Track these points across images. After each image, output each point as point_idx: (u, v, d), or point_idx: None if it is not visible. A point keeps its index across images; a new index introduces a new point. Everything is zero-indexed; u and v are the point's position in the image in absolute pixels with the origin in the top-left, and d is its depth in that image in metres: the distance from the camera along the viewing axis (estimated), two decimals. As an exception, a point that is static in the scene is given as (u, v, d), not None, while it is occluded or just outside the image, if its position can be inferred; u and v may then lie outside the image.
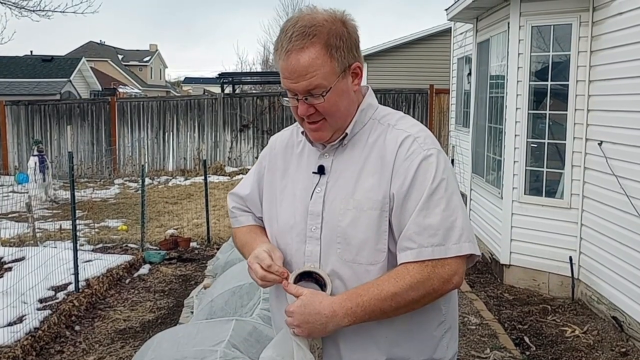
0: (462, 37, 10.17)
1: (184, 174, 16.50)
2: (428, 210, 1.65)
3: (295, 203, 1.82)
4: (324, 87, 1.69)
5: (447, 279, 1.65)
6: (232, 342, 3.66)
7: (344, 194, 1.74)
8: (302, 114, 1.74)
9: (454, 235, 1.64)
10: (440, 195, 1.66)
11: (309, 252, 1.77)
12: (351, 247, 1.71)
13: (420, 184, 1.67)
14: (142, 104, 17.18)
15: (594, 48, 5.60)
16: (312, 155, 1.85)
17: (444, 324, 1.79)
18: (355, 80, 1.77)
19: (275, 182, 1.91)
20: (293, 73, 1.69)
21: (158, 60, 65.03)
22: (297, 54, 1.67)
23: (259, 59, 57.09)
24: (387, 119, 1.81)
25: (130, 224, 10.34)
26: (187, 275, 7.23)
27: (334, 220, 1.74)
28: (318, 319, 1.64)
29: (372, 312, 1.64)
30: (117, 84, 41.15)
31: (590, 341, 5.12)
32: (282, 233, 1.84)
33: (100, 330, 5.58)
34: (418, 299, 1.65)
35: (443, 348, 1.79)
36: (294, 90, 1.72)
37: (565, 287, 6.11)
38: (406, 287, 1.63)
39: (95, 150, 16.98)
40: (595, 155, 5.61)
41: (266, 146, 2.06)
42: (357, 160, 1.77)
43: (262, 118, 16.75)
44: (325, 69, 1.68)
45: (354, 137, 1.80)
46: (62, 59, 31.92)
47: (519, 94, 6.19)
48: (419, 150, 1.71)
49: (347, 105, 1.76)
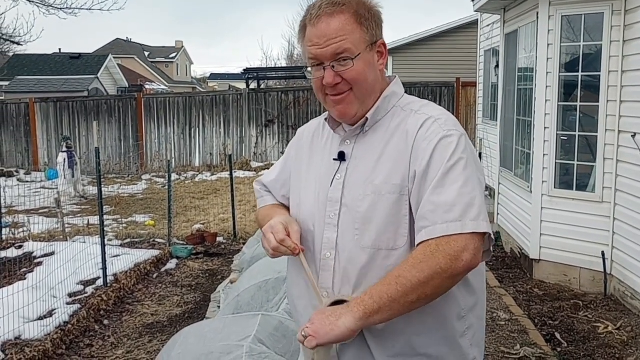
0: (489, 29, 10.04)
1: (211, 169, 16.57)
2: (443, 188, 1.59)
3: (317, 190, 1.81)
4: (353, 52, 1.68)
5: (455, 256, 1.52)
6: (259, 337, 3.65)
7: (363, 180, 1.72)
8: (329, 82, 1.71)
9: (473, 212, 1.56)
10: (458, 173, 1.60)
11: (326, 239, 1.75)
12: (370, 232, 1.68)
13: (437, 162, 1.62)
14: (168, 100, 17.28)
15: (627, 37, 5.47)
16: (334, 143, 1.83)
17: (465, 319, 1.72)
18: (380, 59, 1.77)
19: (301, 171, 1.91)
20: (322, 37, 1.69)
21: (184, 56, 65.47)
22: (327, 19, 1.69)
23: (283, 54, 57.27)
24: (410, 106, 1.78)
25: (157, 219, 10.41)
26: (214, 270, 7.25)
27: (352, 206, 1.71)
28: (333, 311, 1.58)
29: (379, 299, 1.53)
30: (143, 80, 41.48)
31: (624, 338, 5.01)
32: (305, 221, 1.83)
33: (129, 325, 5.61)
34: (425, 280, 1.52)
35: (466, 344, 1.73)
36: (321, 57, 1.70)
37: (597, 282, 5.99)
38: (408, 267, 1.54)
39: (123, 146, 17.13)
40: (628, 148, 5.48)
41: (294, 137, 2.05)
42: (377, 146, 1.74)
43: (287, 113, 16.74)
44: (355, 35, 1.69)
45: (375, 123, 1.77)
46: (90, 56, 32.34)
47: (549, 86, 6.07)
48: (439, 130, 1.67)
49: (373, 80, 1.74)
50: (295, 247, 1.69)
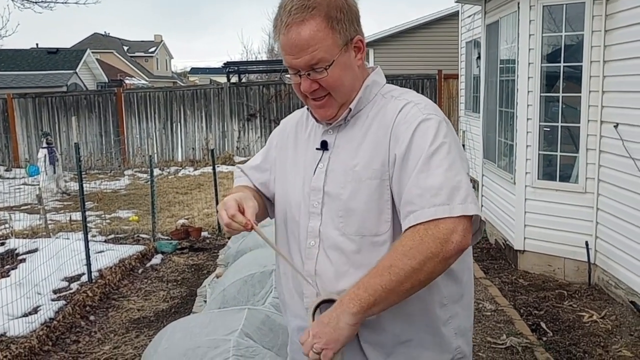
0: (470, 20, 10.07)
1: (193, 164, 16.48)
2: (429, 172, 1.57)
3: (301, 180, 1.81)
4: (327, 60, 1.66)
5: (444, 239, 1.51)
6: (245, 331, 3.64)
7: (344, 167, 1.72)
8: (306, 90, 1.71)
9: (460, 194, 1.55)
10: (442, 157, 1.59)
11: (310, 228, 1.75)
12: (353, 219, 1.68)
13: (418, 146, 1.61)
14: (148, 94, 17.15)
15: (609, 27, 5.50)
16: (317, 133, 1.83)
17: (447, 307, 1.71)
18: (358, 54, 1.73)
19: (286, 161, 1.91)
20: (294, 48, 1.65)
21: (163, 51, 64.99)
22: (297, 28, 1.63)
23: (264, 48, 57.06)
24: (391, 93, 1.78)
25: (141, 214, 10.34)
26: (199, 265, 7.22)
27: (335, 194, 1.72)
28: (330, 316, 1.58)
29: (374, 291, 1.53)
30: (123, 75, 41.14)
31: (608, 326, 5.06)
32: (291, 210, 1.84)
33: (115, 320, 5.58)
34: (418, 267, 1.51)
35: (449, 332, 1.73)
36: (296, 66, 1.68)
37: (581, 272, 6.05)
38: (399, 255, 1.53)
39: (104, 141, 16.98)
40: (611, 138, 5.52)
41: (277, 127, 2.05)
42: (358, 134, 1.74)
43: (269, 107, 16.68)
44: (327, 42, 1.65)
45: (357, 113, 1.76)
46: (68, 51, 31.95)
47: (531, 77, 6.10)
48: (418, 114, 1.66)
49: (351, 80, 1.72)
50: (247, 223, 1.65)
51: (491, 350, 4.64)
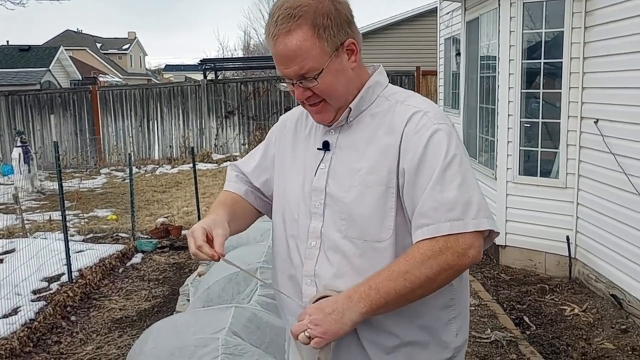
0: (448, 17, 10.10)
1: (171, 162, 16.36)
2: (443, 185, 1.59)
3: (301, 179, 1.80)
4: (316, 69, 1.65)
5: (462, 253, 1.56)
6: (233, 329, 3.62)
7: (348, 170, 1.71)
8: (299, 98, 1.72)
9: (472, 210, 1.58)
10: (455, 170, 1.60)
11: (312, 228, 1.74)
12: (356, 223, 1.67)
13: (432, 158, 1.61)
14: (124, 92, 16.97)
15: (588, 24, 5.56)
16: (318, 132, 1.83)
17: (452, 308, 1.74)
18: (351, 57, 1.71)
19: (285, 159, 1.90)
20: (283, 59, 1.65)
21: (137, 48, 64.33)
22: (284, 39, 1.63)
23: (240, 45, 56.81)
24: (395, 96, 1.77)
25: (119, 213, 10.24)
26: (181, 263, 7.16)
27: (337, 196, 1.71)
28: (334, 308, 1.57)
29: (386, 295, 1.55)
30: (97, 72, 40.65)
31: (590, 319, 5.13)
32: (290, 209, 1.82)
33: (97, 320, 5.51)
34: (433, 277, 1.56)
35: (451, 333, 1.74)
36: (287, 76, 1.69)
37: (562, 266, 6.12)
38: (417, 263, 1.55)
39: (79, 140, 16.77)
40: (590, 134, 5.59)
41: (276, 123, 2.03)
42: (362, 136, 1.73)
43: (247, 104, 16.61)
44: (315, 51, 1.63)
45: (360, 113, 1.76)
46: (40, 48, 31.51)
47: (512, 73, 6.15)
48: (429, 124, 1.66)
49: (344, 84, 1.71)
50: (213, 254, 1.64)
51: (476, 345, 4.67)
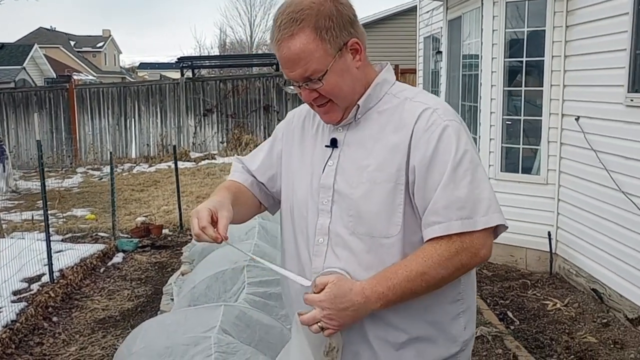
0: (428, 16, 10.16)
1: (148, 160, 16.22)
2: (455, 183, 1.61)
3: (309, 176, 1.81)
4: (320, 71, 1.66)
5: (475, 253, 1.61)
6: (223, 327, 3.60)
7: (356, 166, 1.72)
8: (306, 99, 1.74)
9: (482, 207, 1.60)
10: (466, 167, 1.62)
11: (319, 225, 1.75)
12: (364, 220, 1.68)
13: (443, 155, 1.63)
14: (101, 90, 16.79)
15: (570, 23, 5.64)
16: (326, 129, 1.83)
17: (460, 302, 1.76)
18: (356, 56, 1.73)
19: (292, 155, 1.91)
20: (287, 62, 1.68)
21: (112, 45, 63.68)
22: (287, 43, 1.65)
23: (216, 43, 56.52)
24: (404, 93, 1.78)
25: (97, 212, 10.13)
26: (163, 263, 7.11)
27: (345, 193, 1.72)
28: (349, 305, 1.60)
29: (402, 294, 1.61)
30: (71, 70, 40.12)
31: (572, 313, 5.20)
32: (298, 205, 1.83)
33: (79, 321, 5.45)
34: (447, 276, 1.62)
35: (459, 327, 1.76)
36: (292, 79, 1.71)
37: (543, 261, 6.20)
38: (435, 265, 1.59)
39: (55, 138, 16.55)
40: (571, 131, 5.67)
41: (283, 120, 2.03)
42: (371, 133, 1.74)
43: (225, 102, 16.53)
44: (318, 53, 1.65)
45: (368, 111, 1.77)
46: (14, 45, 31.05)
47: (494, 71, 6.21)
48: (439, 121, 1.66)
49: (350, 84, 1.72)
50: (217, 237, 1.65)
51: (462, 341, 4.70)
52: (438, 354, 1.73)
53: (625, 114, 4.83)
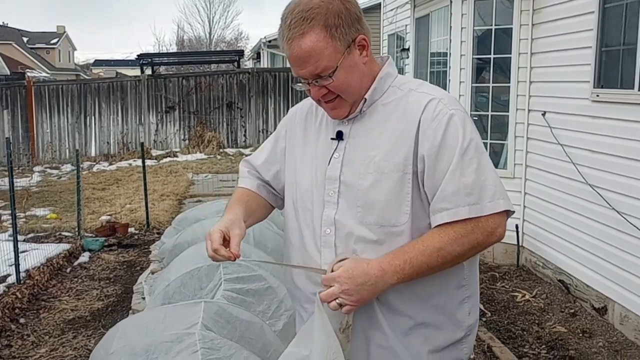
0: (392, 14, 10.26)
1: (108, 158, 15.96)
2: (462, 170, 1.66)
3: (314, 168, 1.84)
4: (331, 67, 1.70)
5: (491, 232, 1.66)
6: (205, 323, 3.59)
7: (364, 158, 1.75)
8: (315, 96, 1.77)
9: (488, 193, 1.65)
10: (472, 155, 1.67)
11: (325, 216, 1.78)
12: (373, 210, 1.72)
13: (451, 143, 1.67)
14: (61, 87, 16.45)
15: (536, 21, 5.77)
16: (330, 123, 1.87)
17: (465, 288, 1.80)
18: (363, 52, 1.76)
19: (295, 149, 1.94)
20: (298, 60, 1.71)
21: (66, 42, 62.38)
22: (298, 41, 1.68)
23: (174, 39, 55.88)
24: (407, 85, 1.82)
25: (59, 211, 9.93)
26: (131, 261, 7.03)
27: (353, 184, 1.75)
28: (367, 279, 1.63)
29: (419, 268, 1.65)
30: (23, 67, 39.22)
31: (540, 304, 5.33)
32: (302, 198, 1.86)
33: (48, 322, 5.35)
34: (463, 253, 1.66)
35: (464, 312, 1.81)
36: (302, 76, 1.74)
37: (510, 254, 6.33)
38: (450, 241, 1.64)
39: (12, 137, 16.12)
40: (538, 126, 5.80)
41: (286, 116, 2.06)
42: (376, 125, 1.78)
43: (188, 99, 16.39)
44: (329, 50, 1.69)
45: (373, 103, 1.80)
46: (-36, 42, 30.14)
47: (463, 68, 6.31)
48: (445, 110, 1.71)
49: (358, 80, 1.76)
50: (230, 256, 1.70)
51: (437, 333, 4.78)
52: (444, 339, 1.78)
53: (591, 108, 4.98)
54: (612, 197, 4.72)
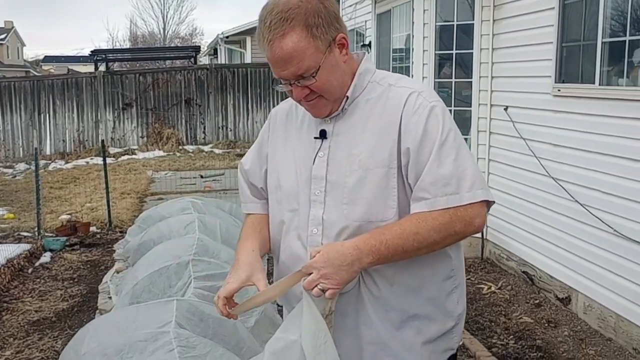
0: (351, 10, 10.28)
1: (64, 157, 15.61)
2: (440, 160, 1.68)
3: (298, 169, 1.84)
4: (313, 67, 1.70)
5: (469, 222, 1.67)
6: (178, 322, 3.57)
7: (348, 155, 1.76)
8: (298, 97, 1.77)
9: (466, 183, 1.67)
10: (450, 145, 1.70)
11: (312, 215, 1.79)
12: (360, 206, 1.73)
13: (431, 135, 1.70)
14: (13, 84, 16.01)
15: (497, 17, 5.87)
16: (312, 122, 1.87)
17: (453, 278, 1.84)
18: (342, 51, 1.77)
19: (277, 151, 1.94)
20: (279, 61, 1.70)
21: (14, 38, 60.69)
22: (279, 42, 1.67)
23: (127, 35, 54.90)
24: (386, 80, 1.84)
25: (15, 211, 9.69)
26: (95, 261, 6.91)
27: (339, 182, 1.76)
28: (344, 259, 1.64)
29: (394, 251, 1.65)
30: (-29, 64, 38.02)
31: (506, 296, 5.45)
32: (287, 199, 1.86)
33: (12, 324, 5.22)
34: (439, 241, 1.67)
35: (453, 302, 1.85)
36: (284, 77, 1.73)
37: (474, 247, 6.44)
38: (428, 227, 1.65)
39: (-39, 135, 15.68)
40: (500, 120, 5.91)
41: (267, 120, 2.06)
42: (359, 122, 1.79)
43: (145, 96, 16.15)
44: (310, 50, 1.69)
45: (353, 100, 1.81)
46: None
47: (425, 63, 6.39)
48: (425, 103, 1.74)
49: (339, 78, 1.77)
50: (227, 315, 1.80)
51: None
52: (436, 330, 1.81)
53: (553, 103, 5.10)
54: (574, 189, 4.84)
